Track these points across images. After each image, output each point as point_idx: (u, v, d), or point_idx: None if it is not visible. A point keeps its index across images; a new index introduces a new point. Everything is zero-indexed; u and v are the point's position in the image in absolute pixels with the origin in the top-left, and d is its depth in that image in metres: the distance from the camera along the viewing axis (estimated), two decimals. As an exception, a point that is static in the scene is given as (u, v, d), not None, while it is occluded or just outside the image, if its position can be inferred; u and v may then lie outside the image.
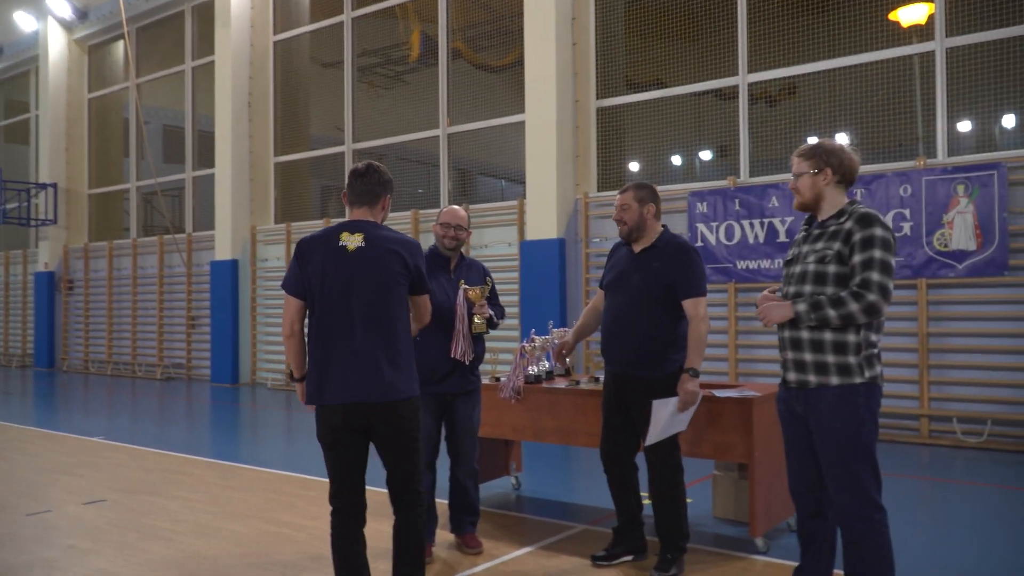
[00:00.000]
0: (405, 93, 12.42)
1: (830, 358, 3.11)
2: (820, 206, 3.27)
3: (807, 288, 3.16)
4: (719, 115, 9.17)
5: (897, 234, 7.59)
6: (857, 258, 3.06)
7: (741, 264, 8.44)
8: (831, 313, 3.01)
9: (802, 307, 3.06)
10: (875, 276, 3.01)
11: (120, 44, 16.27)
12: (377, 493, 5.81)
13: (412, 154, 12.35)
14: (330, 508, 3.24)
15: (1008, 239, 7.13)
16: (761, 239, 8.32)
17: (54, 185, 16.46)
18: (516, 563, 4.20)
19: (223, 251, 13.36)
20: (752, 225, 8.40)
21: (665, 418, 3.82)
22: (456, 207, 4.51)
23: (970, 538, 4.64)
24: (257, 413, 10.63)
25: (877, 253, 3.03)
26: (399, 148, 12.25)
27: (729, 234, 8.56)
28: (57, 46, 16.68)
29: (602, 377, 5.19)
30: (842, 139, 8.51)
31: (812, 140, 3.38)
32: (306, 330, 3.28)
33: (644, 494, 4.26)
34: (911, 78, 8.02)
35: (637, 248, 4.04)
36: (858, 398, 3.07)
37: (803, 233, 3.35)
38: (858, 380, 3.08)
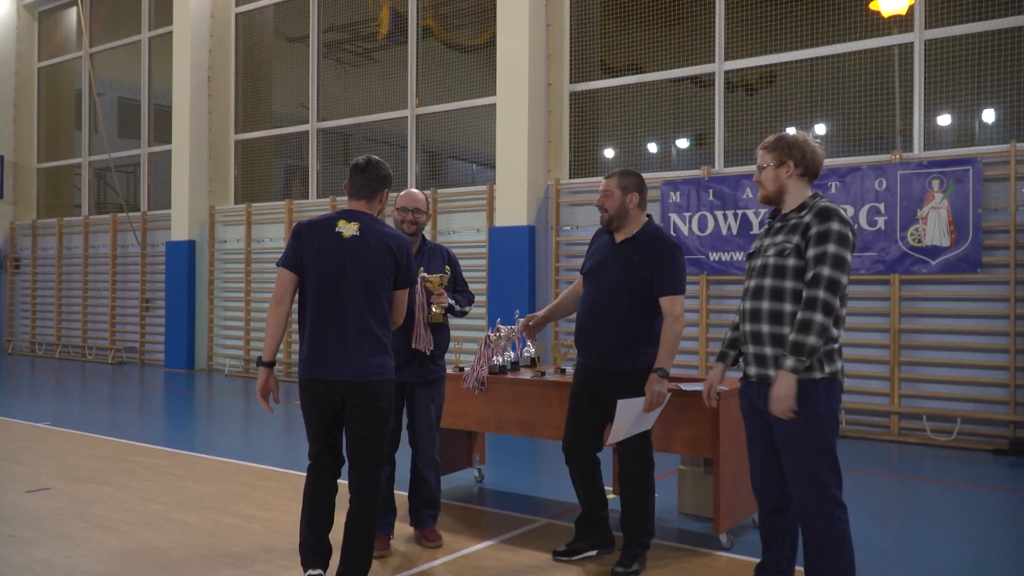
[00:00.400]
0: (373, 71, 12.33)
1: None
2: (783, 199, 3.34)
3: (767, 282, 3.23)
4: (697, 103, 9.24)
5: (871, 228, 7.71)
6: (812, 252, 3.13)
7: (714, 256, 8.54)
8: (810, 340, 3.06)
9: (790, 362, 3.08)
10: (825, 271, 3.09)
11: (72, 11, 15.94)
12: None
13: (379, 135, 12.27)
14: (308, 463, 3.63)
15: (982, 236, 7.28)
16: (735, 231, 8.41)
17: (0, 158, 16.12)
18: (476, 557, 4.23)
19: (180, 231, 13.21)
20: (726, 216, 8.49)
21: (631, 418, 3.86)
22: (414, 190, 4.51)
23: (938, 537, 4.76)
24: (213, 400, 10.55)
25: (831, 248, 3.10)
26: (366, 128, 12.18)
27: (702, 225, 8.64)
28: (4, 11, 16.32)
29: (569, 368, 5.25)
30: (820, 130, 8.63)
31: (790, 130, 3.43)
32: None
33: (608, 488, 4.31)
34: (890, 70, 8.14)
35: (618, 238, 4.04)
36: (818, 393, 3.13)
37: (766, 226, 3.42)
38: (818, 375, 3.14)
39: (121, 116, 15.65)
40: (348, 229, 3.50)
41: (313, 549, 3.56)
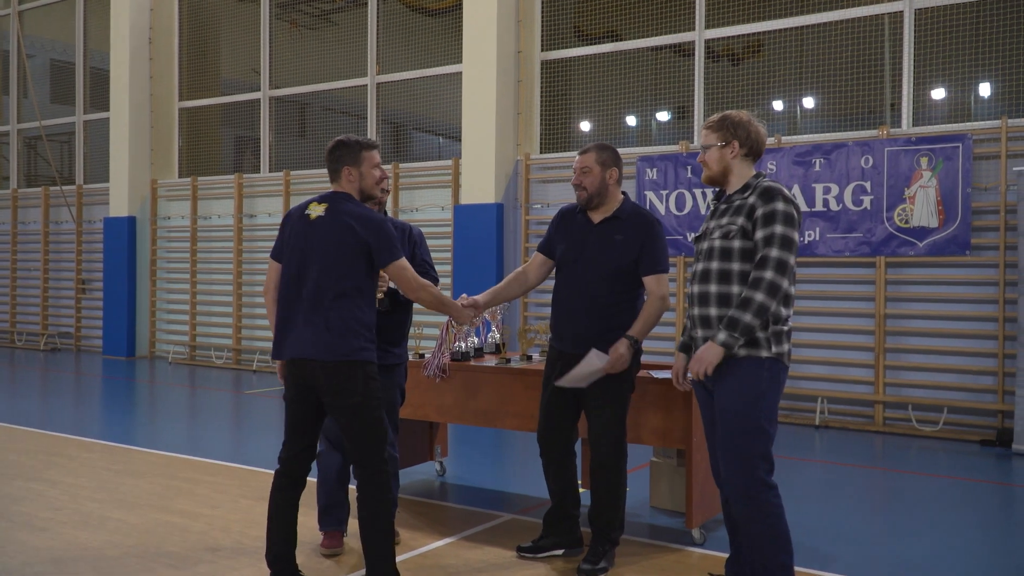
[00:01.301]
0: (331, 35, 12.22)
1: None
2: (728, 180, 3.46)
3: (715, 265, 3.36)
4: (678, 73, 9.27)
5: (856, 208, 7.83)
6: (759, 234, 3.25)
7: (692, 236, 8.60)
8: (747, 318, 3.19)
9: (722, 336, 3.23)
10: (773, 252, 3.21)
11: (0, -35, 15.60)
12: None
13: (337, 104, 12.18)
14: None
15: (971, 216, 7.42)
16: (715, 210, 8.48)
17: (-80, 125, 15.80)
18: (436, 555, 4.27)
19: (119, 207, 13.05)
20: (704, 194, 8.55)
21: (590, 371, 3.92)
22: None
23: (922, 530, 4.88)
24: (155, 390, 10.47)
25: (778, 228, 3.23)
26: (323, 97, 12.08)
27: (680, 203, 8.71)
28: (-76, -36, 15.91)
29: (537, 355, 5.28)
30: (808, 104, 8.71)
31: (781, 110, 3.48)
32: None
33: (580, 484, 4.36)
34: (880, 40, 8.23)
35: (596, 218, 4.06)
36: (762, 371, 3.26)
37: (712, 208, 3.54)
38: (764, 354, 3.26)
39: (54, 80, 15.36)
40: (315, 211, 3.66)
41: (276, 560, 3.66)
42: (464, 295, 4.32)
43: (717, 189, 3.54)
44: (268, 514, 3.68)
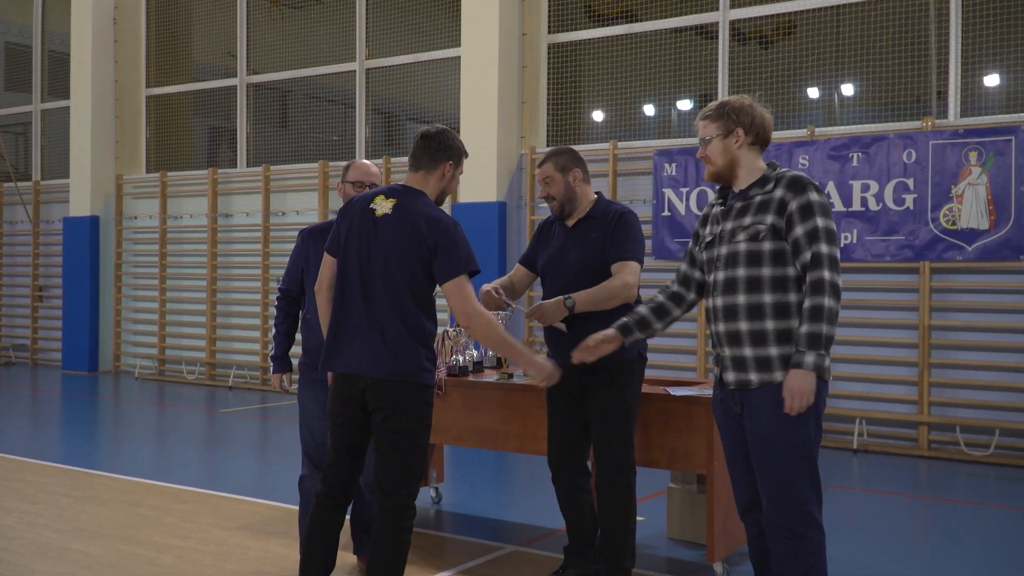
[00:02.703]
0: (315, 15, 12.29)
1: (773, 350, 3.25)
2: (736, 174, 3.42)
3: (741, 272, 3.30)
4: (701, 57, 9.31)
5: (897, 208, 7.86)
6: (800, 230, 3.23)
7: (695, 244, 8.62)
8: (825, 329, 3.16)
9: (810, 358, 3.16)
10: (823, 248, 3.20)
11: (-50, -63, 15.72)
12: (274, 508, 5.84)
13: (323, 92, 12.25)
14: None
15: (1025, 217, 7.44)
16: (741, 209, 8.51)
17: None
18: (429, 591, 4.30)
19: (80, 205, 13.11)
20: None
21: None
22: (366, 162, 4.56)
23: (971, 566, 4.89)
24: (120, 408, 10.52)
25: (820, 221, 3.22)
26: (307, 84, 12.14)
27: (702, 201, 8.74)
28: None
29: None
30: (846, 91, 8.74)
31: (782, 100, 3.50)
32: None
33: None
34: (925, 21, 8.26)
35: (571, 221, 4.28)
36: None
37: (719, 208, 3.49)
38: None
39: (8, 65, 15.46)
40: (382, 206, 3.61)
41: None
42: (491, 289, 4.35)
43: (719, 187, 3.52)
44: (305, 541, 3.67)
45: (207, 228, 12.14)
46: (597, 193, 4.33)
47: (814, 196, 3.23)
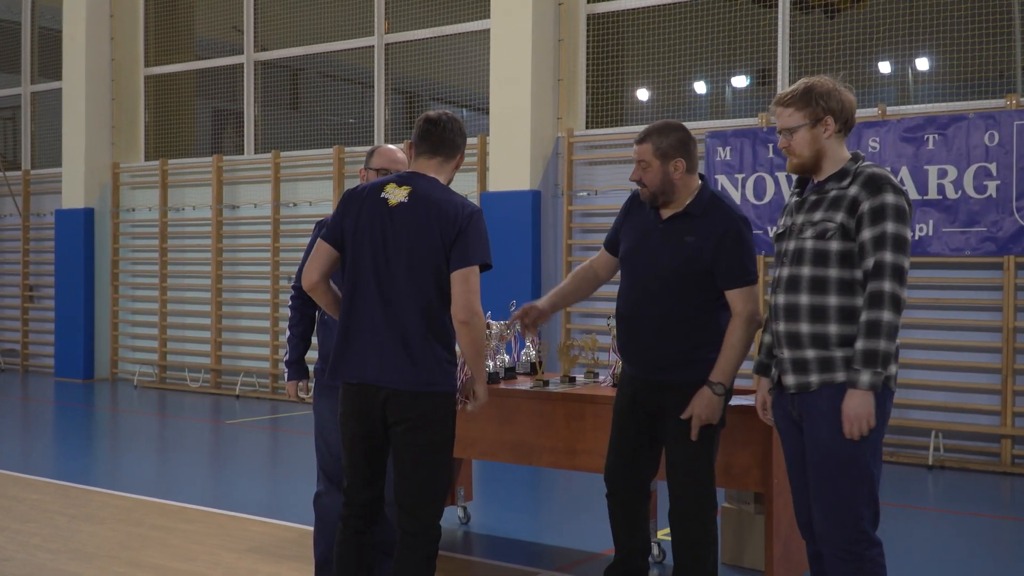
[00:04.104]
0: (329, -15, 12.37)
1: (837, 352, 3.31)
2: (820, 166, 3.45)
3: (806, 270, 3.35)
4: (758, 28, 9.27)
5: (979, 196, 7.78)
6: (867, 233, 3.26)
7: (773, 231, 8.60)
8: (882, 346, 3.20)
9: (866, 377, 3.21)
10: (888, 257, 3.23)
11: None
12: (287, 529, 5.90)
13: (338, 70, 12.31)
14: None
15: (1124, 205, 7.36)
16: (802, 198, 8.47)
17: None
18: (457, 620, 4.34)
19: (73, 197, 13.24)
20: (790, 179, 8.55)
21: None
22: (391, 147, 4.55)
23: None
24: (119, 419, 10.64)
25: (890, 227, 3.24)
26: (320, 61, 12.21)
27: (759, 190, 8.71)
28: None
29: (580, 377, 5.34)
30: (920, 65, 8.67)
31: (860, 79, 3.48)
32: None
33: (664, 532, 4.34)
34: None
35: (665, 213, 4.06)
36: None
37: (795, 199, 3.53)
38: None
39: (-4, 44, 15.67)
40: (396, 195, 3.62)
41: None
42: (524, 306, 4.37)
43: (798, 176, 3.55)
44: (337, 571, 3.71)
45: (212, 221, 12.24)
46: (701, 176, 4.08)
47: (890, 198, 3.25)
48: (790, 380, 3.41)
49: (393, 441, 3.61)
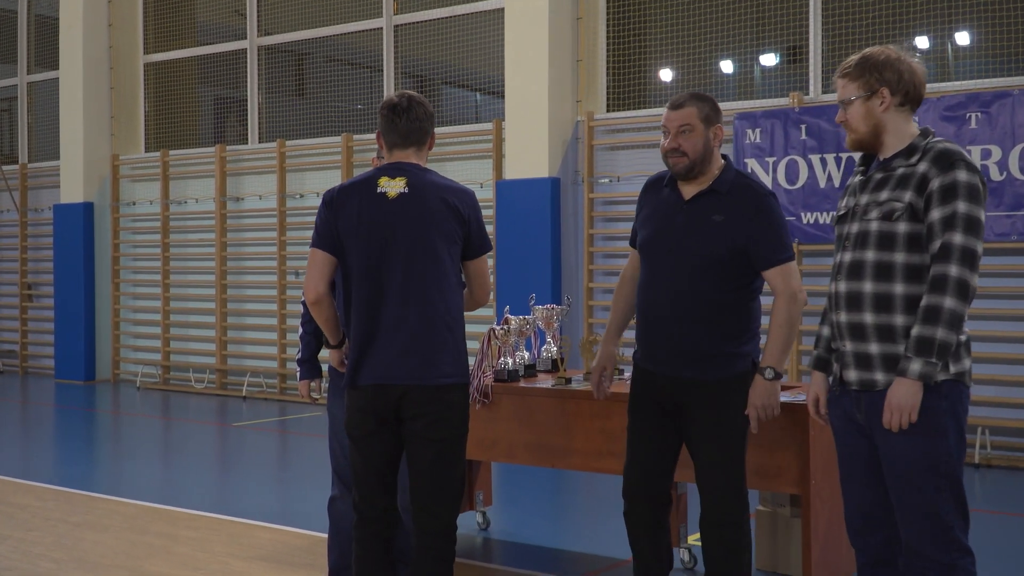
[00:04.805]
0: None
1: (903, 348, 3.22)
2: (881, 140, 3.39)
3: (870, 255, 3.28)
4: (790, 2, 9.19)
5: (1027, 177, 7.71)
6: (936, 214, 3.19)
7: (808, 217, 8.56)
8: (940, 334, 3.13)
9: (917, 365, 3.14)
10: (957, 238, 3.15)
11: None
12: (299, 536, 5.90)
13: (345, 53, 12.31)
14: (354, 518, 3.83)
15: None
16: (836, 182, 8.42)
17: None
18: (477, 630, 4.33)
19: (72, 191, 13.31)
20: (824, 162, 8.50)
21: None
22: None
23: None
24: (121, 422, 10.70)
25: (961, 206, 3.16)
26: (327, 45, 12.21)
27: (792, 174, 8.66)
28: None
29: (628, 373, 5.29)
30: (961, 39, 8.59)
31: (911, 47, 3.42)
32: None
33: (695, 538, 4.30)
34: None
35: (689, 192, 3.98)
36: (940, 401, 3.20)
37: (859, 177, 3.47)
38: (941, 377, 3.21)
39: (-11, 32, 15.75)
40: (393, 187, 3.70)
41: None
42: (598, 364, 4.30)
43: (861, 154, 3.49)
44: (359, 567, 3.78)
45: (215, 214, 12.27)
46: (724, 158, 4.03)
47: (962, 175, 3.18)
48: (852, 376, 3.34)
49: (409, 439, 3.67)
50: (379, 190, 3.69)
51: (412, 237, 3.64)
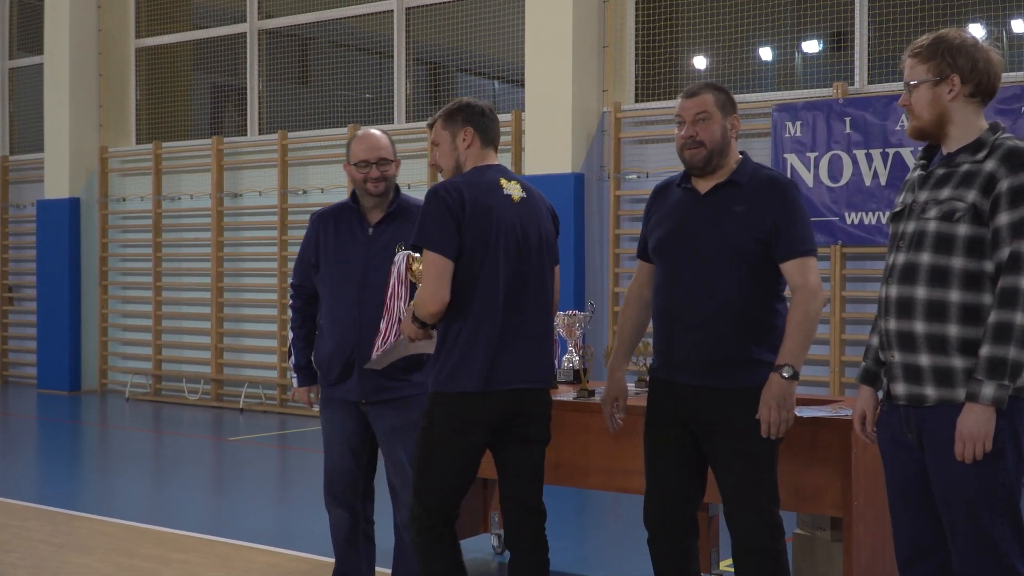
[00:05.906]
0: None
1: (957, 361, 3.19)
2: (946, 132, 3.34)
3: (925, 258, 3.23)
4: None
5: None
6: (1004, 218, 3.14)
7: (852, 217, 8.53)
8: (1012, 354, 3.09)
9: (989, 390, 3.10)
10: None
11: None
12: (298, 559, 5.89)
13: (352, 38, 12.34)
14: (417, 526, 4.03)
15: None
16: (883, 179, 8.40)
17: None
18: (491, 663, 4.34)
19: (57, 186, 13.35)
20: (870, 157, 8.48)
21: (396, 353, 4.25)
22: (373, 131, 4.65)
23: None
24: (109, 436, 10.71)
25: None
26: (334, 29, 12.24)
27: (835, 170, 8.64)
28: None
29: (631, 387, 5.29)
30: (1018, 27, 8.57)
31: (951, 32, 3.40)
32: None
33: (727, 563, 4.30)
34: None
35: (705, 186, 3.98)
36: (998, 420, 3.17)
37: (919, 172, 3.42)
38: None
39: (-31, 15, 15.86)
40: (515, 190, 3.96)
41: None
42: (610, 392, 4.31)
43: (924, 145, 3.44)
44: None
45: (211, 211, 12.29)
46: (742, 153, 4.03)
47: None
48: (900, 389, 3.30)
49: (516, 442, 3.99)
50: (505, 192, 3.91)
51: (539, 243, 3.96)
